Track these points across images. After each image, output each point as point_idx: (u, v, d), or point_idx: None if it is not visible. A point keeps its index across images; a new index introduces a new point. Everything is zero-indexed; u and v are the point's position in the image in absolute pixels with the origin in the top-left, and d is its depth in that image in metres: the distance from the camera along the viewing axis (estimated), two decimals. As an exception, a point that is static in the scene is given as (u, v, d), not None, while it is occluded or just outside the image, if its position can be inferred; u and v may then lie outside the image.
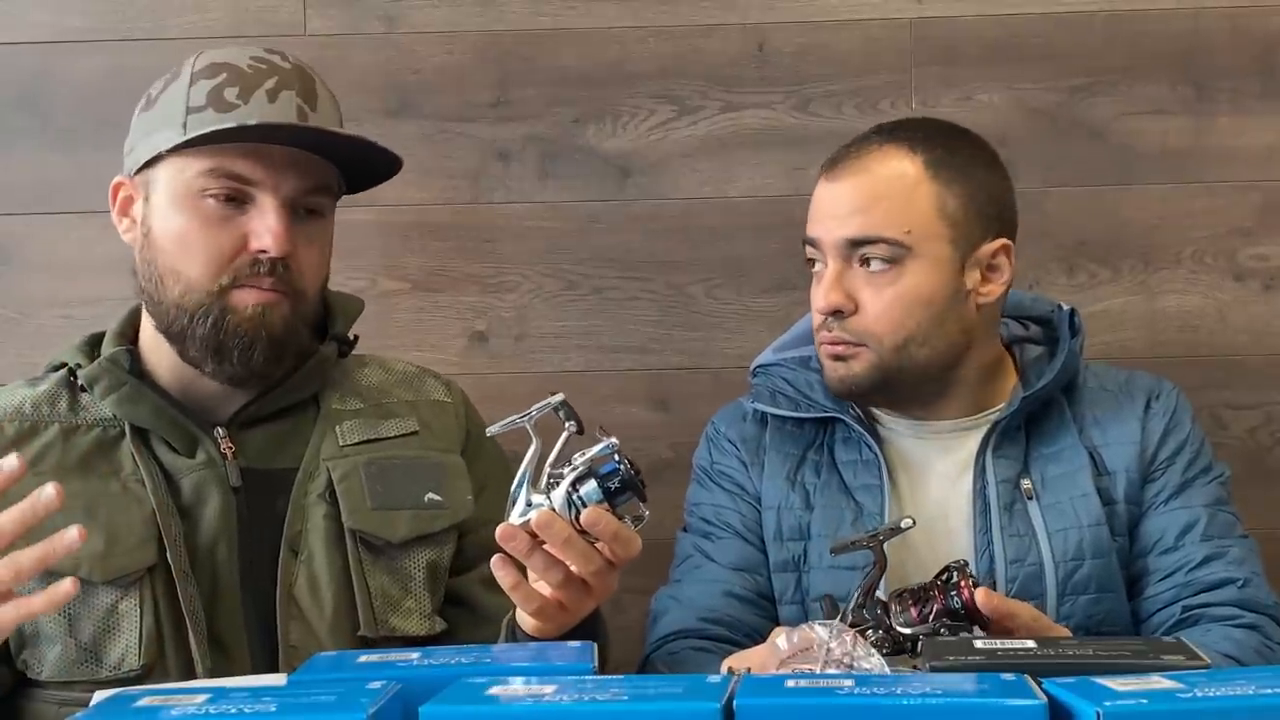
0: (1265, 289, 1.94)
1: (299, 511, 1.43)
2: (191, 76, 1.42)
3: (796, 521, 1.56)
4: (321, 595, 1.40)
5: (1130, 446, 1.55)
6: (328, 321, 1.52)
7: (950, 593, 1.23)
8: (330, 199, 1.47)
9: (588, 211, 1.96)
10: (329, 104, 1.46)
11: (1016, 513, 1.52)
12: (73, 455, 1.40)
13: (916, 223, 1.50)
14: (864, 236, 1.50)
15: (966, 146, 1.56)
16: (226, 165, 1.39)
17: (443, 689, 0.89)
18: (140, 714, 0.87)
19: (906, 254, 1.49)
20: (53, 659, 1.36)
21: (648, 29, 1.96)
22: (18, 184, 1.95)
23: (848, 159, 1.53)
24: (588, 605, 1.25)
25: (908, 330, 1.51)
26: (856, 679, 0.88)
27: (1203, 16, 1.94)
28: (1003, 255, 1.55)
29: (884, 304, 1.50)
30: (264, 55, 1.44)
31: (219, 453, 1.43)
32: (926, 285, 1.50)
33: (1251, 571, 1.50)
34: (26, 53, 1.95)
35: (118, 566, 1.36)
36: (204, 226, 1.40)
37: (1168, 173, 1.94)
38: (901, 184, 1.51)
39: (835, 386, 1.55)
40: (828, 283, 1.51)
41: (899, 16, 1.95)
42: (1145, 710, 0.81)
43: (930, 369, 1.53)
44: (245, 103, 1.39)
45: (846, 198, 1.52)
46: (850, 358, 1.52)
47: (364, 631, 1.40)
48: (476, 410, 1.60)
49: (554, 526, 1.18)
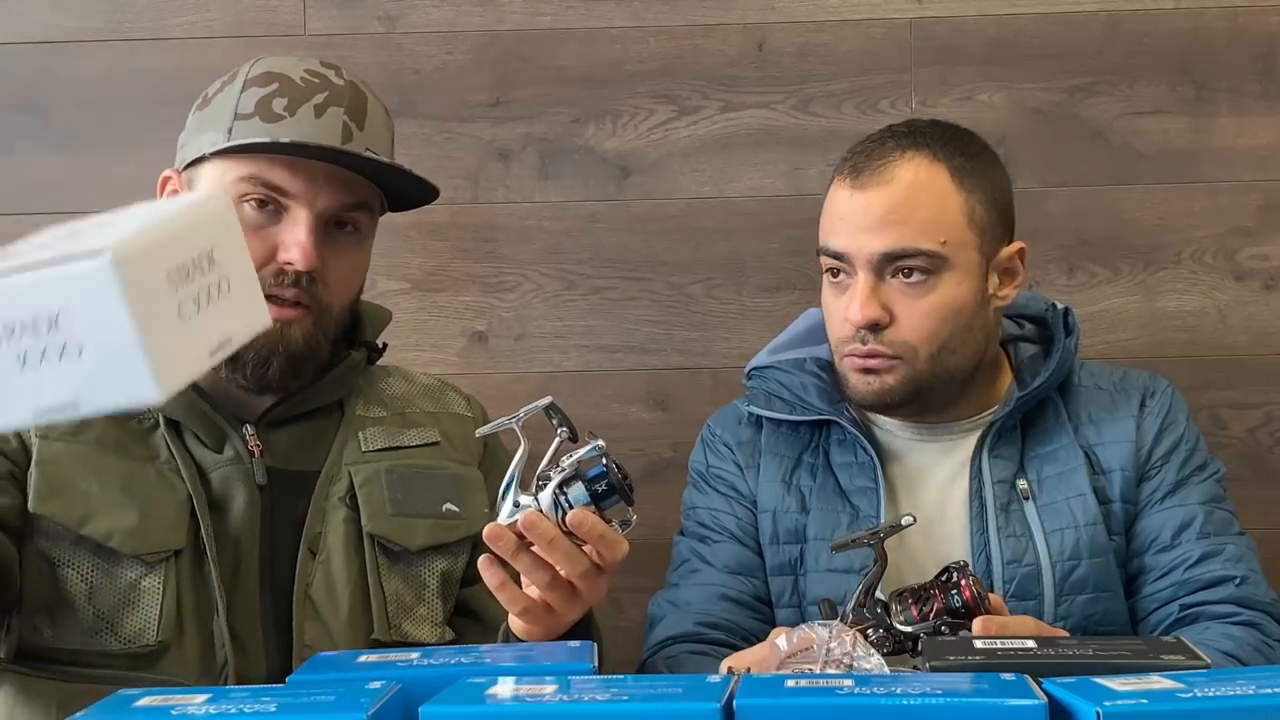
0: (1265, 289, 1.94)
1: (319, 513, 1.43)
2: (245, 83, 1.43)
3: (793, 524, 1.56)
4: (338, 597, 1.41)
5: (1125, 445, 1.55)
6: (356, 329, 1.53)
7: (951, 592, 1.23)
8: (368, 215, 1.46)
9: (588, 211, 1.96)
10: (379, 122, 1.47)
11: (1013, 513, 1.52)
12: (112, 435, 1.41)
13: (950, 233, 1.49)
14: (901, 249, 1.47)
15: (980, 150, 1.56)
16: (264, 174, 1.40)
17: (443, 689, 0.89)
18: (140, 714, 0.87)
19: (943, 264, 1.48)
20: (68, 624, 1.36)
21: (648, 29, 1.96)
22: (18, 184, 1.95)
23: (871, 169, 1.50)
24: (575, 610, 1.25)
25: (942, 340, 1.50)
26: (856, 679, 0.88)
27: (1203, 16, 1.94)
28: (1018, 258, 1.55)
29: (921, 315, 1.49)
30: (319, 69, 1.45)
31: (246, 450, 1.43)
32: (959, 294, 1.49)
33: (1249, 569, 1.50)
34: (27, 53, 1.95)
35: (148, 543, 1.36)
36: None
37: (1168, 173, 1.94)
38: (933, 194, 1.49)
39: (868, 400, 1.53)
40: (863, 296, 1.49)
41: (899, 16, 1.95)
42: (1145, 710, 0.81)
43: (958, 375, 1.53)
44: (291, 115, 1.40)
45: (878, 209, 1.48)
46: (884, 371, 1.50)
47: (378, 634, 1.41)
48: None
49: (540, 527, 1.18)
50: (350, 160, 1.41)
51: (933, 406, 1.56)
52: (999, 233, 1.53)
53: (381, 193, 1.48)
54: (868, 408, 1.55)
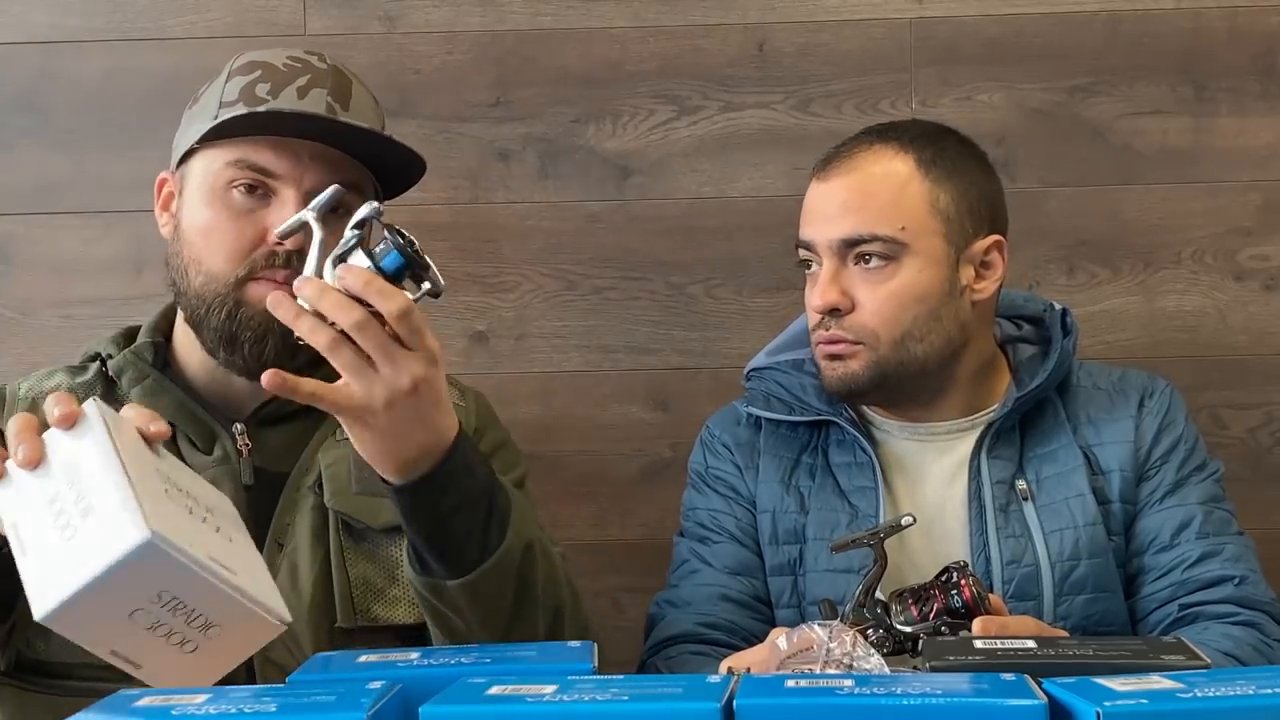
0: (1265, 289, 1.94)
1: (290, 504, 1.43)
2: (229, 74, 1.45)
3: (792, 525, 1.56)
4: (300, 585, 1.40)
5: (1124, 445, 1.55)
6: None
7: (951, 592, 1.23)
8: (358, 196, 1.45)
9: (588, 211, 1.96)
10: (365, 105, 1.47)
11: (1012, 514, 1.52)
12: None
13: (910, 219, 1.50)
14: (859, 235, 1.50)
15: (955, 145, 1.57)
16: (250, 157, 1.41)
17: (443, 689, 0.89)
18: (140, 713, 0.87)
19: (902, 250, 1.50)
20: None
21: (648, 29, 1.96)
22: (18, 184, 1.95)
23: (838, 160, 1.54)
24: (377, 392, 1.17)
25: (904, 326, 1.51)
26: (856, 679, 0.88)
27: (1203, 16, 1.94)
28: (995, 252, 1.55)
29: (880, 300, 1.50)
30: (301, 55, 1.46)
31: (235, 449, 1.43)
32: (922, 281, 1.51)
33: (1248, 568, 1.50)
34: (27, 53, 1.95)
35: None
36: (228, 218, 1.42)
37: (1168, 173, 1.94)
38: (893, 182, 1.51)
39: (834, 386, 1.55)
40: (824, 281, 1.52)
41: (899, 16, 1.95)
42: (1145, 710, 0.81)
43: (928, 365, 1.53)
44: (275, 98, 1.41)
45: (839, 197, 1.52)
46: (848, 356, 1.52)
47: (341, 622, 1.39)
48: (493, 412, 1.60)
49: (310, 284, 1.16)
50: (328, 127, 1.40)
51: (914, 400, 1.56)
52: (972, 224, 1.53)
53: (374, 177, 1.48)
54: (838, 396, 1.56)
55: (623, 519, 1.95)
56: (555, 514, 1.89)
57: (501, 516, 1.29)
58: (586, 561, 1.88)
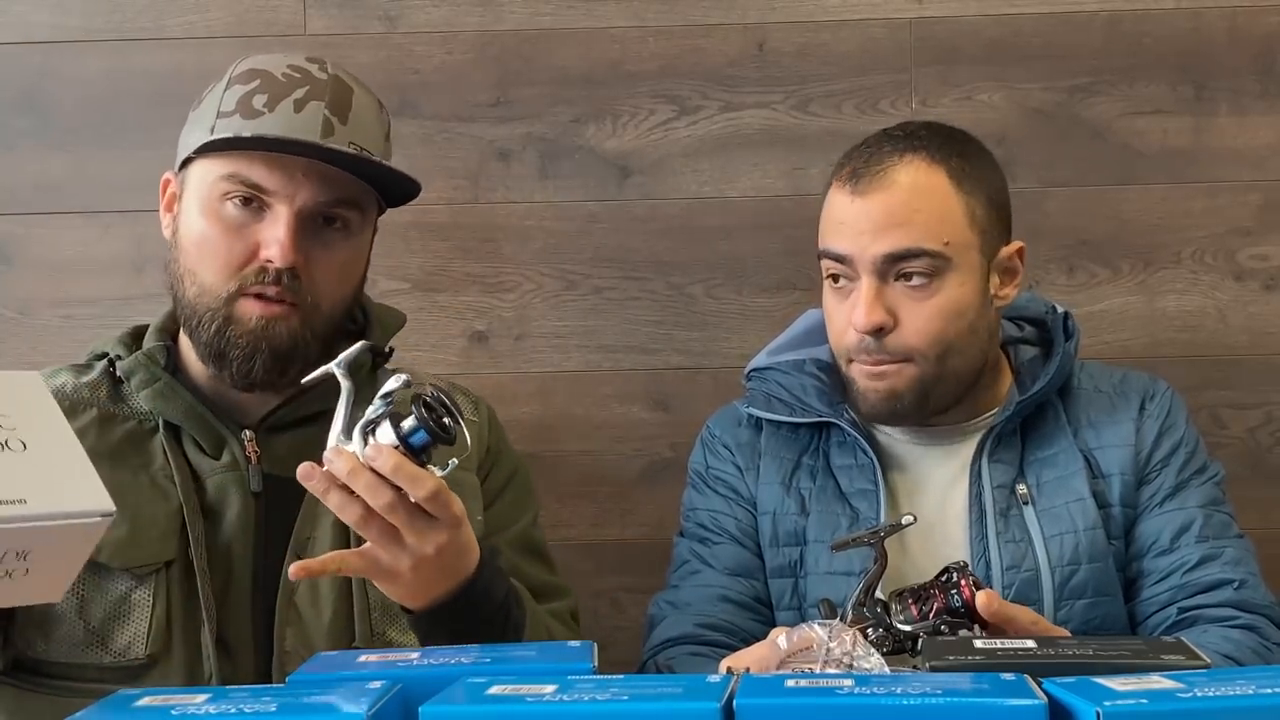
0: (1265, 289, 1.94)
1: (310, 518, 1.43)
2: (229, 80, 1.44)
3: (792, 526, 1.56)
4: (321, 603, 1.40)
5: (1125, 449, 1.54)
6: (367, 332, 1.52)
7: (951, 592, 1.23)
8: (358, 212, 1.46)
9: (588, 211, 1.96)
10: (367, 116, 1.46)
11: (1012, 518, 1.52)
12: (107, 442, 1.41)
13: (952, 234, 1.49)
14: (905, 251, 1.47)
15: (977, 151, 1.56)
16: (243, 172, 1.40)
17: (443, 689, 0.89)
18: (140, 714, 0.87)
19: (946, 265, 1.48)
20: (59, 637, 1.36)
21: (648, 29, 1.96)
22: (18, 184, 1.95)
23: (871, 174, 1.50)
24: (403, 560, 1.23)
25: (947, 341, 1.50)
26: (856, 679, 0.88)
27: (1203, 16, 1.94)
28: (1017, 257, 1.56)
29: (925, 318, 1.49)
30: (302, 64, 1.45)
31: (244, 455, 1.43)
32: (963, 295, 1.50)
33: (1248, 572, 1.50)
34: (27, 53, 1.95)
35: (138, 556, 1.36)
36: (222, 232, 1.41)
37: (1168, 173, 1.94)
38: (933, 196, 1.49)
39: (877, 406, 1.52)
40: (868, 301, 1.48)
41: (899, 16, 1.95)
42: (1145, 710, 0.81)
43: (964, 377, 1.53)
44: (270, 111, 1.40)
45: (880, 213, 1.48)
46: (892, 375, 1.50)
47: (359, 643, 1.40)
48: (502, 427, 1.61)
49: (340, 459, 1.19)
50: (316, 153, 1.40)
51: (936, 409, 1.55)
52: (999, 232, 1.54)
53: (375, 190, 1.47)
54: (880, 416, 1.54)
55: (622, 519, 1.95)
56: (555, 514, 1.89)
57: (516, 627, 1.34)
58: (586, 561, 1.88)
